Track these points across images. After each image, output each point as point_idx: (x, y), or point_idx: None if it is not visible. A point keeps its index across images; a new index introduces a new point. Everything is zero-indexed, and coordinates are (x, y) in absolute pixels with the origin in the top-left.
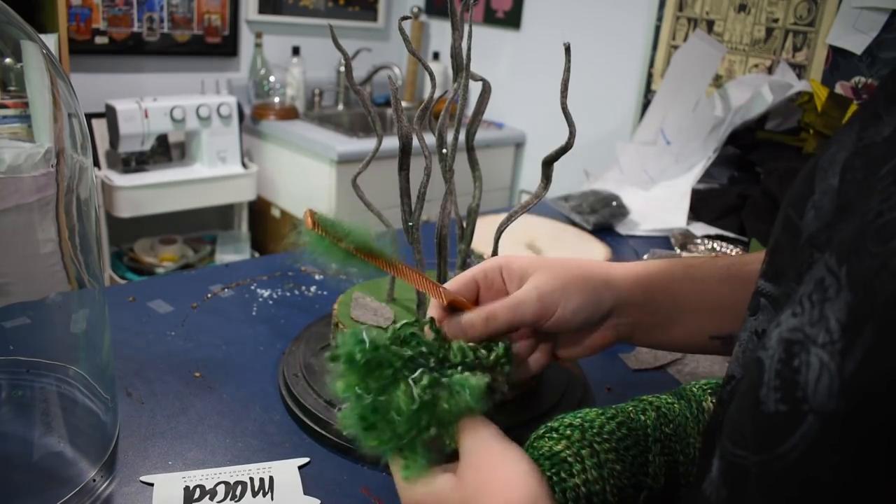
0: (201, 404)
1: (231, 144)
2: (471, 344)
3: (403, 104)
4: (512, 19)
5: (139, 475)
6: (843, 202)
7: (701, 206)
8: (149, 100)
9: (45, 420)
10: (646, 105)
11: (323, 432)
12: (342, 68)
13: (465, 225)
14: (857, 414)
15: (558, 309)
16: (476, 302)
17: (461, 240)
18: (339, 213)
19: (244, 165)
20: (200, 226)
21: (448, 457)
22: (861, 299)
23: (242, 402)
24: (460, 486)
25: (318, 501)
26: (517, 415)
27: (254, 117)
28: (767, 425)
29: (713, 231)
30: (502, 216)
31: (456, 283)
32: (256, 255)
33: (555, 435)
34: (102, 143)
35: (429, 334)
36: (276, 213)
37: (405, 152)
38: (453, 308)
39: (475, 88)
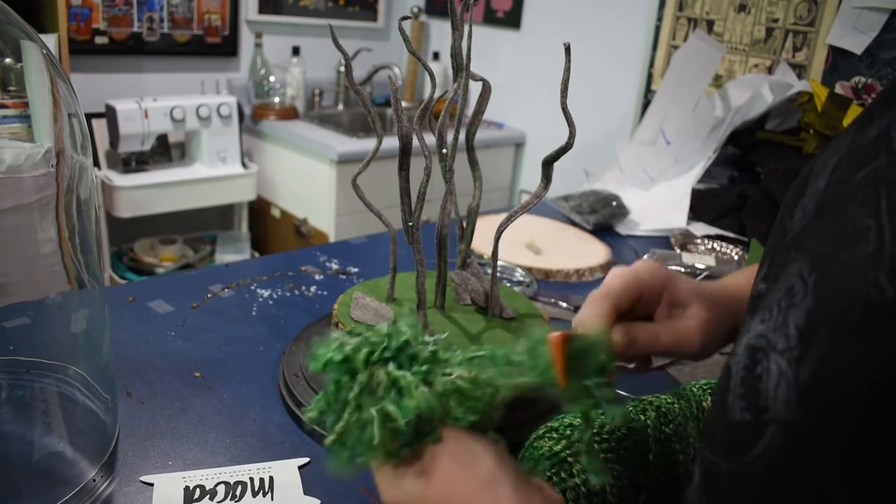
0: (201, 404)
1: (231, 144)
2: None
3: (403, 104)
4: (512, 19)
5: (139, 475)
6: (822, 203)
7: (701, 206)
8: (149, 100)
9: (45, 420)
10: (646, 105)
11: (323, 432)
12: (342, 68)
13: (465, 225)
14: (814, 424)
15: (707, 345)
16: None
17: (461, 240)
18: (339, 213)
19: (244, 165)
20: (200, 226)
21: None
22: (820, 305)
23: (242, 402)
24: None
25: (318, 501)
26: (517, 415)
27: (254, 117)
28: (734, 434)
29: (713, 231)
30: (502, 216)
31: (624, 294)
32: (256, 255)
33: (555, 435)
34: (102, 143)
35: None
36: (276, 213)
37: (405, 152)
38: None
39: (475, 88)
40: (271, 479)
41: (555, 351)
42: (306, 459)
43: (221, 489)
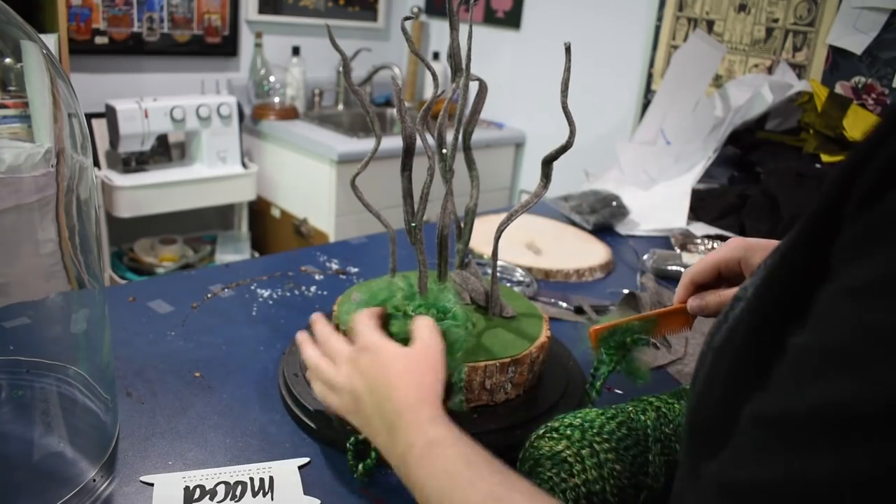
0: (201, 404)
1: (231, 144)
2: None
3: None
4: (512, 19)
5: (139, 475)
6: None
7: (701, 206)
8: (149, 100)
9: (45, 420)
10: (646, 105)
11: (323, 432)
12: (342, 68)
13: (462, 225)
14: (722, 350)
15: None
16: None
17: (459, 240)
18: (339, 213)
19: (244, 165)
20: (200, 226)
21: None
22: (776, 258)
23: (242, 402)
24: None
25: (318, 501)
26: (517, 415)
27: (254, 117)
28: (697, 362)
29: (713, 231)
30: (502, 216)
31: (701, 270)
32: (256, 255)
33: (555, 435)
34: (102, 143)
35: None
36: (276, 213)
37: (408, 153)
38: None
39: (475, 88)
40: (271, 479)
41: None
42: (306, 459)
43: (221, 489)
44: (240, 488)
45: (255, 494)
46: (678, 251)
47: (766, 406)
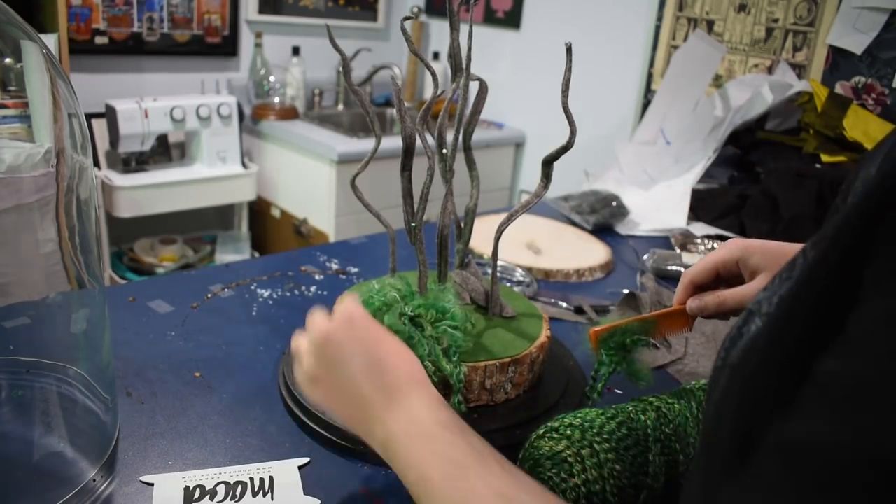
0: (201, 404)
1: (231, 144)
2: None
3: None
4: (512, 19)
5: (139, 475)
6: (871, 189)
7: (701, 206)
8: (149, 100)
9: (45, 420)
10: (646, 105)
11: (323, 432)
12: (342, 68)
13: (462, 225)
14: (739, 369)
15: None
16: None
17: (459, 240)
18: (339, 213)
19: (244, 165)
20: (200, 226)
21: None
22: (802, 277)
23: (242, 402)
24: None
25: (318, 501)
26: (517, 415)
27: (254, 117)
28: (711, 378)
29: (713, 231)
30: (502, 216)
31: (700, 271)
32: (256, 255)
33: (555, 435)
34: (102, 143)
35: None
36: (276, 213)
37: (408, 153)
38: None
39: (475, 88)
40: (271, 479)
41: (592, 338)
42: (306, 459)
43: (221, 489)
44: (240, 488)
45: (255, 494)
46: (678, 251)
47: (793, 434)
